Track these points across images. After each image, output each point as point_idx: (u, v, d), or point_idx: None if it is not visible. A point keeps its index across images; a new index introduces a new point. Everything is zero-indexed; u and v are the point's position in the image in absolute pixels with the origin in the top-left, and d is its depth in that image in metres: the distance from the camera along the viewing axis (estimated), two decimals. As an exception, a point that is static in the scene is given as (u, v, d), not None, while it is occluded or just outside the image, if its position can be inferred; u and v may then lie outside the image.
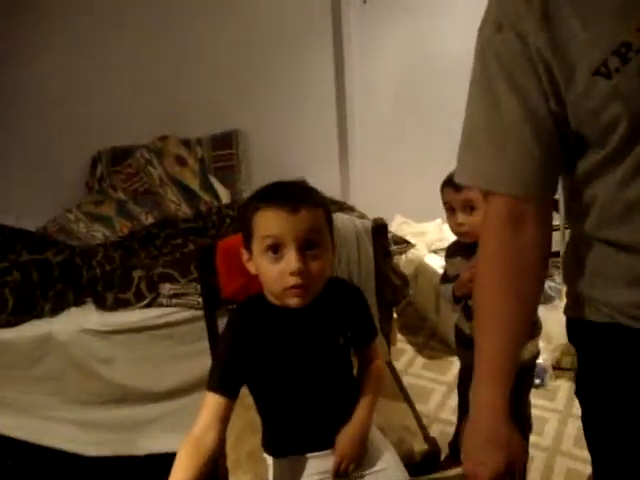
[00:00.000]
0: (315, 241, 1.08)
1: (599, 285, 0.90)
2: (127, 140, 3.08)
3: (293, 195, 1.09)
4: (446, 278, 1.77)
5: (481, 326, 0.94)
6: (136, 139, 3.07)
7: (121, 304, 2.13)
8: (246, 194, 3.14)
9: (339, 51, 3.35)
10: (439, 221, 3.26)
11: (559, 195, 1.04)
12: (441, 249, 2.96)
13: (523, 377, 1.69)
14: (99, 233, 2.78)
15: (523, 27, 0.80)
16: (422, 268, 2.90)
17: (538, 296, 0.94)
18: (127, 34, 3.07)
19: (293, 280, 1.05)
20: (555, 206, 0.97)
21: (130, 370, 2.11)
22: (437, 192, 2.56)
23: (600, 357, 0.95)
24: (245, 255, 1.14)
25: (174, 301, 2.12)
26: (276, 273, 1.07)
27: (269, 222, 1.06)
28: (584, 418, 1.01)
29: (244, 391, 1.15)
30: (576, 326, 0.99)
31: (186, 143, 3.14)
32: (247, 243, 1.12)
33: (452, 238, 2.02)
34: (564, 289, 1.01)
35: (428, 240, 3.07)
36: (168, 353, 2.13)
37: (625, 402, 0.92)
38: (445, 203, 1.69)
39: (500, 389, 0.89)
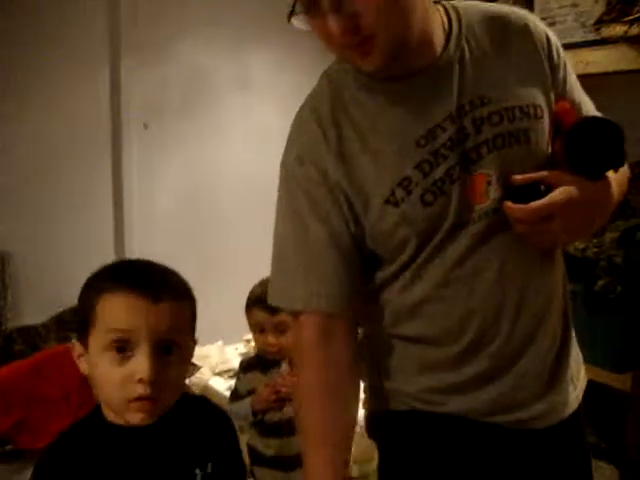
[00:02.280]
0: (175, 343, 0.89)
1: (395, 376, 1.03)
2: None
3: (153, 278, 0.88)
4: (236, 395, 1.79)
5: (307, 440, 0.99)
6: None
7: None
8: (11, 323, 2.88)
9: (118, 175, 3.35)
10: (221, 343, 3.29)
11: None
12: (225, 371, 2.99)
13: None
14: None
15: (323, 163, 0.94)
16: (207, 391, 2.87)
17: (357, 399, 1.03)
18: None
19: (140, 389, 0.84)
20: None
21: None
22: (217, 315, 2.63)
23: (401, 444, 1.06)
24: (77, 349, 0.91)
25: None
26: (119, 378, 0.84)
27: (117, 311, 0.85)
28: None
29: None
30: (375, 418, 1.10)
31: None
32: (82, 334, 0.89)
33: (235, 360, 2.07)
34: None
35: (212, 363, 3.08)
36: None
37: None
38: (255, 324, 1.73)
39: None
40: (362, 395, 1.10)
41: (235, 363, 2.70)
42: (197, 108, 3.52)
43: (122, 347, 0.85)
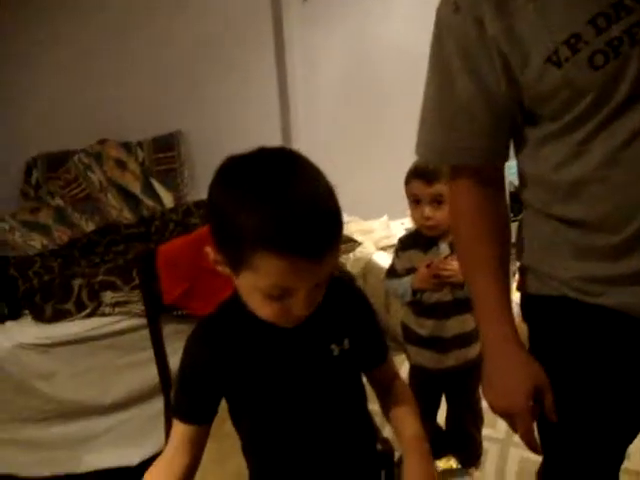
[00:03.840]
0: (327, 278, 0.84)
1: (548, 260, 0.94)
2: (63, 145, 2.95)
3: (319, 235, 0.76)
4: (393, 272, 1.76)
5: (473, 275, 0.99)
6: (72, 144, 2.95)
7: (61, 315, 2.04)
8: (190, 197, 3.08)
9: (280, 50, 3.32)
10: (385, 218, 3.27)
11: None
12: (389, 246, 2.97)
13: (473, 372, 1.70)
14: (37, 242, 2.66)
15: (480, 12, 0.82)
16: (370, 266, 2.89)
17: (509, 239, 1.01)
18: (58, 34, 2.95)
19: (295, 320, 0.84)
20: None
21: (72, 384, 2.02)
22: (383, 189, 2.54)
23: (550, 330, 0.99)
24: (212, 255, 0.84)
25: (117, 310, 2.05)
26: (271, 311, 0.83)
27: (279, 272, 0.76)
28: None
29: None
30: (528, 302, 1.03)
31: (126, 146, 3.05)
32: (228, 258, 0.82)
33: (399, 234, 2.02)
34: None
35: (375, 238, 3.07)
36: (112, 364, 2.06)
37: (573, 374, 0.95)
38: (411, 195, 1.67)
39: (508, 323, 0.94)
40: (516, 276, 1.05)
41: (400, 238, 2.68)
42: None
43: (280, 293, 0.80)
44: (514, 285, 1.08)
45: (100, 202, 2.89)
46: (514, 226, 1.02)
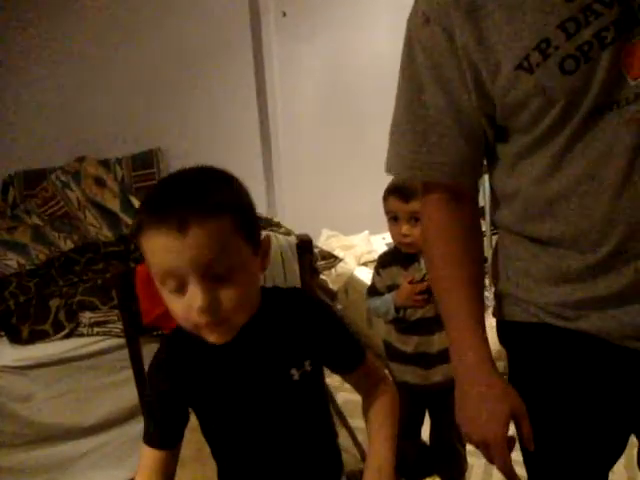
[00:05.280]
0: (226, 266, 0.78)
1: (524, 285, 0.92)
2: (40, 162, 2.93)
3: (180, 204, 0.76)
4: (374, 291, 1.75)
5: (445, 296, 0.94)
6: (50, 161, 2.93)
7: (38, 336, 2.00)
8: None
9: (260, 65, 3.33)
10: (366, 233, 3.28)
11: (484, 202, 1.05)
12: (370, 261, 2.97)
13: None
14: (13, 262, 2.61)
15: (449, 22, 0.81)
16: (352, 281, 2.89)
17: (482, 258, 0.97)
18: (36, 52, 2.93)
19: (202, 319, 0.78)
20: (481, 213, 1.00)
21: (51, 406, 1.98)
22: (363, 204, 2.54)
23: (529, 358, 0.97)
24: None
25: (95, 330, 2.01)
26: (181, 309, 0.79)
27: (155, 250, 0.77)
28: None
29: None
30: (504, 328, 1.00)
31: (105, 164, 3.02)
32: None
33: (381, 250, 2.01)
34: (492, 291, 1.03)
35: (357, 253, 3.07)
36: (92, 385, 2.02)
37: (553, 401, 0.94)
38: (388, 212, 1.67)
39: (482, 347, 0.90)
40: (492, 300, 1.02)
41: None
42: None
43: (173, 282, 0.78)
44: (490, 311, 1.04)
45: (79, 220, 2.86)
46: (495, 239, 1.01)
